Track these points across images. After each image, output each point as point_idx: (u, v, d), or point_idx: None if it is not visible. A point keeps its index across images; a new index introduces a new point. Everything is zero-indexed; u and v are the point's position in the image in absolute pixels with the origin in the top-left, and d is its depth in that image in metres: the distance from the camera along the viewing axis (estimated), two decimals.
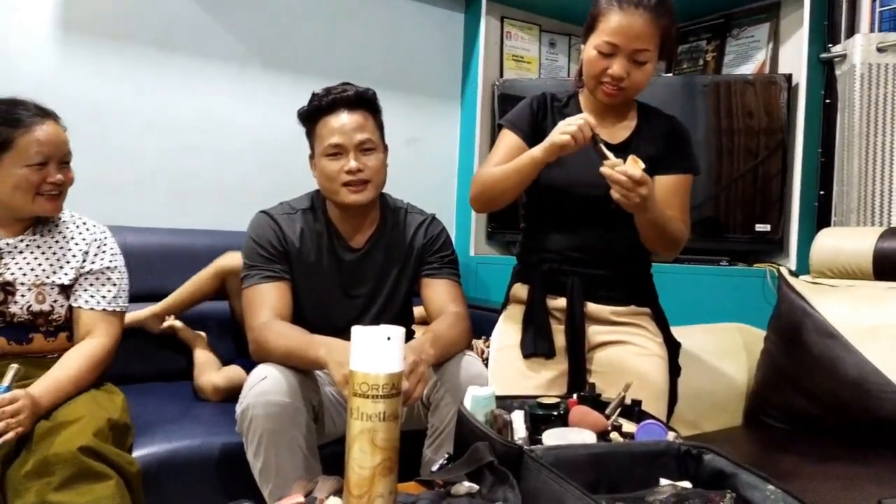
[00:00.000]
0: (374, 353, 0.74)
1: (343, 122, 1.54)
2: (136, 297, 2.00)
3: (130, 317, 1.91)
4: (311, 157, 1.62)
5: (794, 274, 1.87)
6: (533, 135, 1.47)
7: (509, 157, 1.42)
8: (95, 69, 2.15)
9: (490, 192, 1.43)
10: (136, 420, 1.56)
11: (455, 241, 1.77)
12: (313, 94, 1.58)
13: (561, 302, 1.47)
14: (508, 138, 1.49)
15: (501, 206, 1.47)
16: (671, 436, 1.03)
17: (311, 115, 1.58)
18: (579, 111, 1.49)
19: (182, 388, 1.92)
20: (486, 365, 1.55)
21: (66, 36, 2.11)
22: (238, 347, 1.98)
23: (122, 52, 2.19)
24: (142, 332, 1.98)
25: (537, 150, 1.34)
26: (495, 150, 1.49)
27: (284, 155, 2.46)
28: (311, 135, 1.61)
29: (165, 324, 2.00)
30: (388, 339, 0.74)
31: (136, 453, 1.44)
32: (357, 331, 0.76)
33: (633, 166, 1.24)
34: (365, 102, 1.58)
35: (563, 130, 1.29)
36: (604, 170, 1.25)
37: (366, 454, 0.74)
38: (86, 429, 1.29)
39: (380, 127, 1.62)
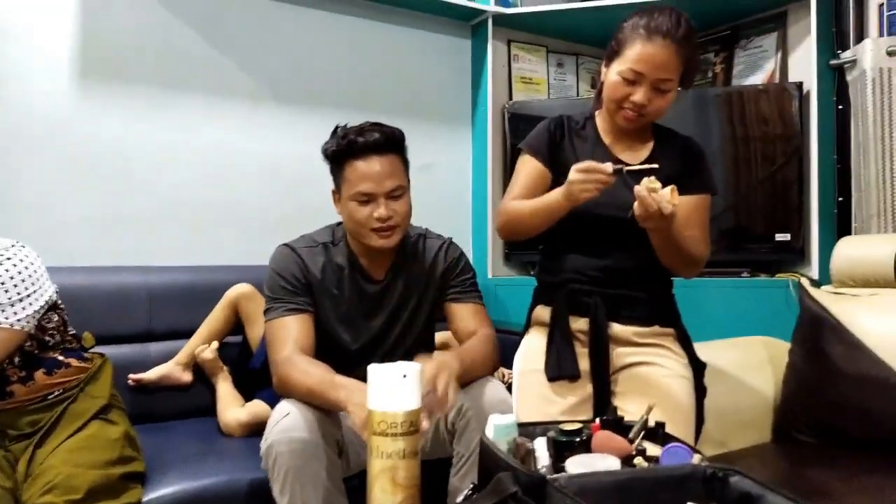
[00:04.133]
0: (390, 391, 0.74)
1: (374, 169, 1.52)
2: (160, 335, 2.05)
3: (156, 374, 1.95)
4: (335, 191, 1.63)
5: (816, 284, 1.85)
6: (552, 158, 1.49)
7: (531, 184, 1.46)
8: (112, 110, 2.20)
9: (518, 227, 1.46)
10: (160, 459, 1.58)
11: (473, 263, 1.77)
12: (339, 133, 1.57)
13: (583, 323, 1.47)
14: (528, 164, 1.50)
15: (527, 237, 1.49)
16: (696, 458, 1.02)
17: (338, 157, 1.56)
18: (596, 133, 1.51)
19: (206, 425, 1.93)
20: (510, 390, 1.54)
21: (85, 78, 2.17)
22: (251, 385, 1.98)
23: (138, 92, 2.24)
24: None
25: (563, 198, 1.33)
26: (517, 177, 1.51)
27: (297, 185, 2.50)
28: (336, 174, 1.60)
29: (196, 351, 2.02)
30: (405, 376, 0.75)
31: (160, 492, 1.46)
32: (373, 369, 0.77)
33: (670, 200, 1.23)
34: (394, 145, 1.57)
35: (584, 189, 1.29)
36: (637, 189, 1.24)
37: (387, 493, 0.74)
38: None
39: (406, 166, 1.62)
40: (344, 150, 1.55)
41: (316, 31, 2.58)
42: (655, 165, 1.31)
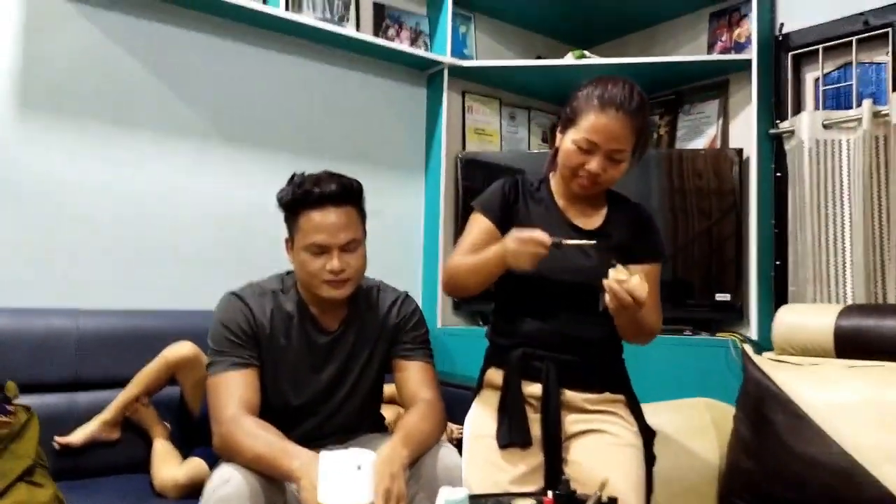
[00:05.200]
0: (344, 483, 0.71)
1: (329, 220, 1.49)
2: (87, 384, 1.94)
3: (80, 435, 1.83)
4: (288, 240, 1.59)
5: (757, 347, 1.89)
6: (504, 218, 1.49)
7: (480, 242, 1.45)
8: (51, 142, 2.11)
9: (459, 283, 1.46)
10: None
11: (422, 311, 1.75)
12: (295, 181, 1.54)
13: (536, 388, 1.46)
14: (480, 222, 1.50)
15: (472, 294, 1.48)
16: None
17: (293, 206, 1.53)
18: (551, 196, 1.53)
19: (138, 482, 1.82)
20: (459, 447, 1.51)
21: (23, 108, 2.07)
22: (191, 441, 1.89)
23: (78, 124, 2.15)
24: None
25: (503, 258, 1.34)
26: (467, 234, 1.51)
27: (243, 229, 2.44)
28: (291, 223, 1.55)
29: (132, 406, 1.92)
30: (359, 468, 0.71)
31: None
32: (326, 458, 0.73)
33: (640, 286, 1.25)
34: (351, 197, 1.54)
35: (518, 258, 1.31)
36: (607, 283, 1.26)
37: None
38: None
39: (363, 218, 1.59)
40: (300, 199, 1.51)
41: (270, 73, 2.55)
42: (592, 242, 1.35)
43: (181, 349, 1.89)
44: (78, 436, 1.83)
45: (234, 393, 1.43)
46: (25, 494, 1.39)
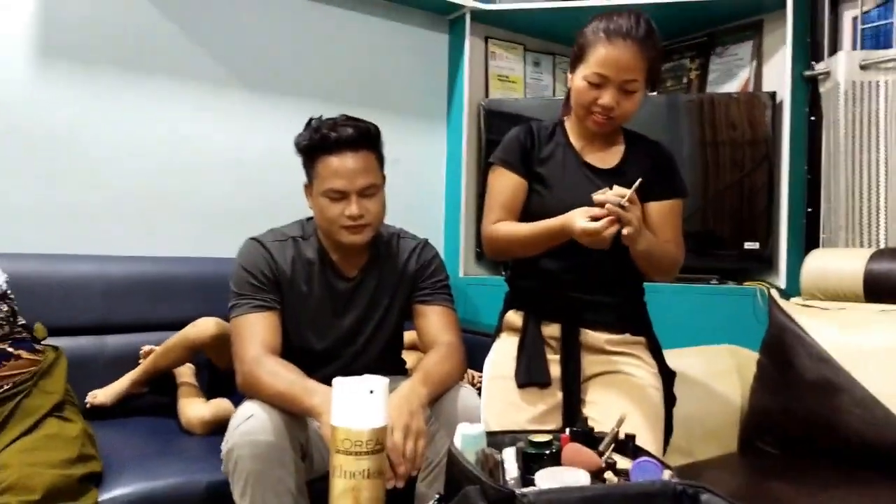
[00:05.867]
0: (356, 407, 0.71)
1: (347, 165, 1.48)
2: (116, 327, 1.98)
3: (111, 394, 1.87)
4: (307, 185, 1.58)
5: (784, 294, 1.86)
6: (526, 167, 1.47)
7: (511, 199, 1.46)
8: (71, 93, 2.11)
9: (510, 252, 1.48)
10: (116, 458, 1.52)
11: (444, 261, 1.75)
12: (312, 125, 1.53)
13: (555, 329, 1.46)
14: (504, 178, 1.48)
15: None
16: (667, 474, 1.01)
17: (311, 151, 1.52)
18: (566, 138, 1.50)
19: (165, 422, 1.86)
20: (479, 393, 1.52)
21: (43, 59, 2.07)
22: (219, 389, 1.92)
23: (97, 75, 2.15)
24: (122, 362, 1.93)
25: (568, 228, 1.30)
26: (493, 194, 1.49)
27: (263, 177, 2.43)
28: (309, 168, 1.55)
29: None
30: (371, 392, 0.71)
31: (116, 492, 1.39)
32: (339, 383, 0.73)
33: (618, 193, 1.24)
34: (368, 141, 1.52)
35: (590, 236, 1.26)
36: (597, 196, 1.25)
37: None
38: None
39: (381, 162, 1.58)
40: (316, 144, 1.50)
41: (287, 18, 2.51)
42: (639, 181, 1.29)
43: (206, 329, 1.85)
44: (108, 395, 1.86)
45: (256, 334, 1.46)
46: (56, 427, 1.43)
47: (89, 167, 2.14)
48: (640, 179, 1.28)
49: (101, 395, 1.86)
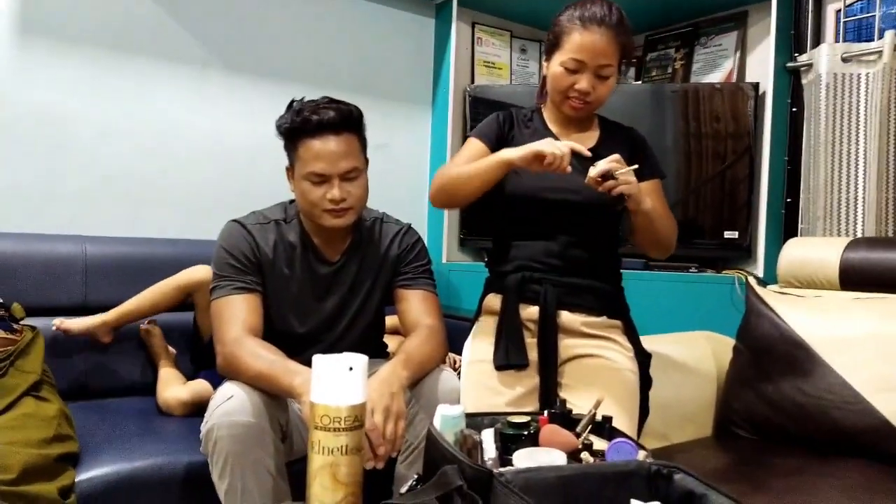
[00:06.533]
0: (335, 383, 0.71)
1: (329, 148, 1.47)
2: (95, 308, 1.96)
3: (78, 324, 1.85)
4: (289, 168, 1.58)
5: (762, 282, 1.88)
6: (498, 145, 1.49)
7: (474, 158, 1.46)
8: (52, 73, 2.09)
9: (452, 190, 1.45)
10: (94, 438, 1.51)
11: (427, 247, 1.75)
12: (293, 107, 1.52)
13: (533, 311, 1.47)
14: (474, 144, 1.51)
15: (461, 205, 1.50)
16: (641, 455, 1.02)
17: (292, 134, 1.51)
18: (544, 124, 1.53)
19: (144, 403, 1.86)
20: (460, 377, 1.53)
21: (22, 37, 2.04)
22: (200, 363, 1.93)
23: (78, 55, 2.13)
24: (102, 345, 1.91)
25: (510, 153, 1.35)
26: (460, 154, 1.52)
27: (245, 161, 2.42)
28: (290, 151, 1.54)
29: (143, 327, 1.95)
30: (351, 369, 0.72)
31: (93, 472, 1.40)
32: (318, 360, 0.73)
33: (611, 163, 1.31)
34: (350, 124, 1.51)
35: (547, 149, 1.30)
36: (592, 172, 1.31)
37: (327, 490, 0.71)
38: None
39: (363, 145, 1.57)
40: (298, 127, 1.49)
41: (273, 1, 2.49)
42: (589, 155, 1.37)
43: (197, 272, 1.89)
44: (76, 324, 1.85)
45: (237, 315, 1.45)
46: (33, 407, 1.42)
47: (70, 148, 2.12)
48: (636, 165, 1.36)
49: (67, 322, 1.85)
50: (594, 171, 1.30)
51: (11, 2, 2.02)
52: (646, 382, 1.48)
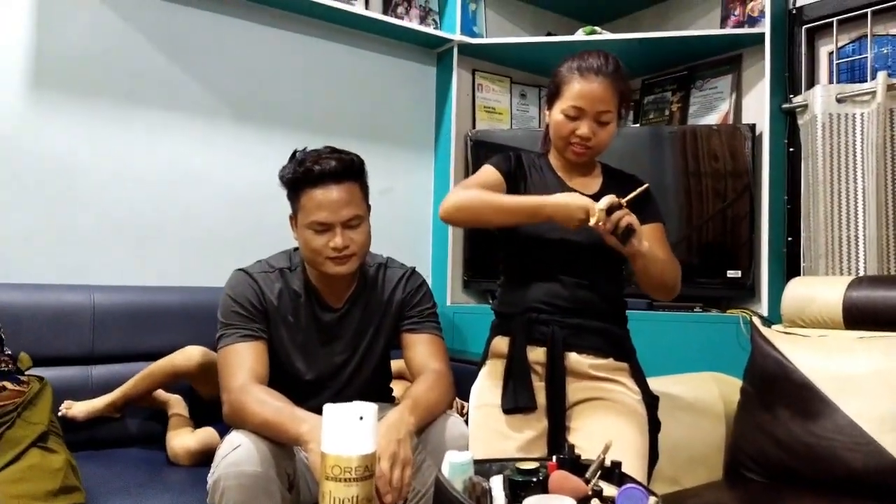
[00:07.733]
0: (346, 433, 0.72)
1: (331, 197, 1.49)
2: (105, 358, 1.97)
3: (86, 407, 1.85)
4: (292, 217, 1.59)
5: (767, 323, 1.89)
6: (510, 178, 1.54)
7: (490, 183, 1.51)
8: (63, 123, 2.13)
9: (477, 212, 1.47)
10: (100, 489, 1.50)
11: (431, 289, 1.76)
12: (296, 158, 1.54)
13: (541, 353, 1.47)
14: (490, 171, 1.55)
15: (475, 227, 1.57)
16: (652, 501, 1.02)
17: (295, 184, 1.53)
18: (551, 169, 1.57)
19: (151, 453, 1.85)
20: (468, 421, 1.53)
21: (35, 88, 2.09)
22: (204, 418, 1.91)
23: (90, 105, 2.18)
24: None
25: (545, 206, 1.38)
26: (476, 177, 1.55)
27: (253, 208, 2.45)
28: (293, 201, 1.56)
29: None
30: (361, 418, 0.72)
31: None
32: (329, 410, 0.74)
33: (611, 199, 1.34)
34: (352, 173, 1.53)
35: (569, 213, 1.35)
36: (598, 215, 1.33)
37: None
38: None
39: (365, 193, 1.59)
40: (300, 177, 1.51)
41: (279, 51, 2.56)
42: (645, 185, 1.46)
43: (189, 357, 1.84)
44: (82, 411, 1.85)
45: (243, 363, 1.45)
46: (39, 458, 1.41)
47: (80, 197, 2.15)
48: (645, 185, 1.42)
49: (75, 408, 1.84)
50: (602, 204, 1.33)
51: (24, 55, 2.07)
52: (654, 426, 1.48)
